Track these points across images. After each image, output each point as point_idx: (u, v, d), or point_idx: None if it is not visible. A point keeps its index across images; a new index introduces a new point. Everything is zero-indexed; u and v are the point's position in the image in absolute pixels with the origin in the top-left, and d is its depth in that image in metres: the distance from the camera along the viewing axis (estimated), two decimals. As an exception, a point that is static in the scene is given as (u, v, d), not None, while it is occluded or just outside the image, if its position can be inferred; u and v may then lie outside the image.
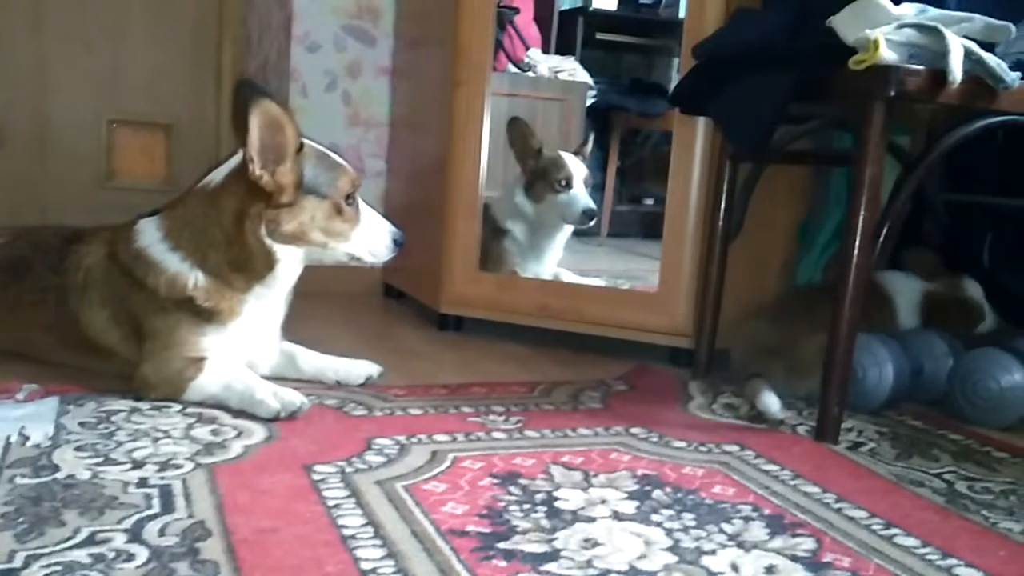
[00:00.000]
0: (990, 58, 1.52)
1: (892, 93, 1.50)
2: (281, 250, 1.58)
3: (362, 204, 1.67)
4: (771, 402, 1.69)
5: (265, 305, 1.64)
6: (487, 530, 1.13)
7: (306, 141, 1.58)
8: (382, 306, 2.74)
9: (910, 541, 1.19)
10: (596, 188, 2.85)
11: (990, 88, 1.56)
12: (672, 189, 2.13)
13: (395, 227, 1.70)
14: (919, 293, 1.99)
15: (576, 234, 2.65)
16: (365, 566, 1.01)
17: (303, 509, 1.15)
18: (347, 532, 1.09)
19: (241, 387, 1.53)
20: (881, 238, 1.61)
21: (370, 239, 1.66)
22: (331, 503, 1.18)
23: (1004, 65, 1.54)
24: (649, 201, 3.43)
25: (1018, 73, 1.58)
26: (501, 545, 1.09)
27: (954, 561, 1.14)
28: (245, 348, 1.64)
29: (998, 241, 2.14)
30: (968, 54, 1.50)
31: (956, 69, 1.48)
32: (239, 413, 1.51)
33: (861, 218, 1.57)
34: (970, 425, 1.77)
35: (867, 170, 1.56)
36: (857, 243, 1.58)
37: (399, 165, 2.84)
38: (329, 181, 1.59)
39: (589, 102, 3.19)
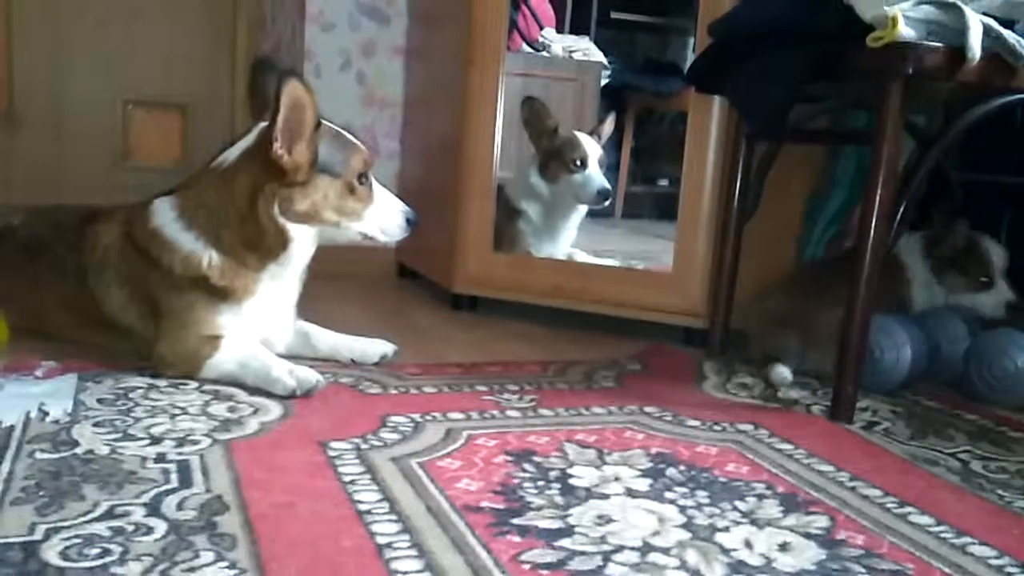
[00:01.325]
0: (1009, 35, 1.51)
1: (910, 71, 1.48)
2: (294, 229, 1.58)
3: (375, 183, 1.67)
4: (782, 371, 1.73)
5: (279, 284, 1.65)
6: (501, 506, 1.14)
7: (323, 120, 1.58)
8: (396, 286, 2.75)
9: (924, 519, 1.19)
10: (610, 168, 2.84)
11: (1009, 66, 1.55)
12: (687, 169, 2.12)
13: (408, 207, 1.70)
14: (921, 243, 1.99)
15: (590, 215, 2.64)
16: (381, 541, 1.02)
17: (319, 485, 1.16)
18: (363, 507, 1.10)
19: (257, 365, 1.54)
20: (898, 217, 1.60)
21: (382, 218, 1.66)
22: (347, 479, 1.18)
23: (1021, 40, 1.52)
24: (664, 182, 3.42)
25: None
26: (515, 521, 1.09)
27: (968, 540, 1.14)
28: (260, 326, 1.65)
29: (1016, 221, 2.12)
30: (987, 31, 1.49)
31: (975, 46, 1.46)
32: (255, 390, 1.52)
33: (878, 197, 1.56)
34: (986, 405, 1.76)
35: (884, 149, 1.55)
36: (874, 222, 1.57)
37: (413, 145, 2.84)
38: (342, 160, 1.60)
39: (603, 82, 3.17)
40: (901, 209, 1.61)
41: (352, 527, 1.05)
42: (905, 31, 1.46)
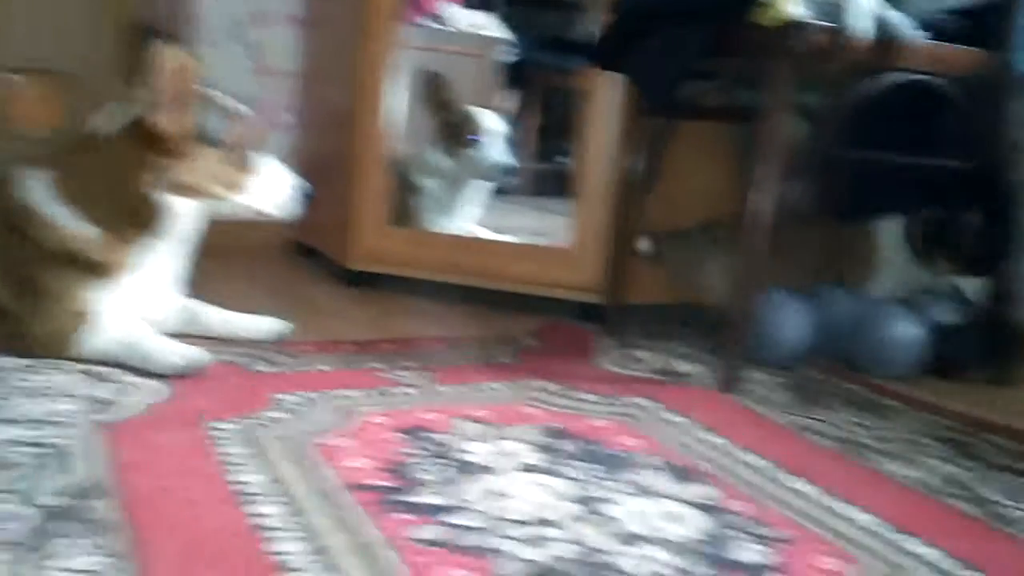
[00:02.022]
0: (891, 15, 1.55)
1: (796, 49, 1.51)
2: (175, 202, 1.52)
3: (264, 156, 1.61)
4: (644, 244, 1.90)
5: (161, 259, 1.58)
6: (392, 484, 1.12)
7: (206, 90, 1.52)
8: (293, 264, 2.68)
9: (807, 487, 1.23)
10: (515, 145, 2.83)
11: (893, 46, 1.59)
12: (585, 145, 2.13)
13: (302, 180, 1.65)
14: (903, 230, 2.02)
15: (497, 192, 2.63)
16: (265, 522, 0.98)
17: (202, 466, 1.12)
18: (247, 489, 1.06)
19: (137, 343, 1.48)
20: (786, 194, 1.63)
21: (274, 192, 1.61)
22: (231, 460, 1.14)
23: (905, 22, 1.57)
24: (570, 159, 3.42)
25: (921, 32, 1.61)
26: (406, 498, 1.08)
27: (847, 504, 1.17)
28: (141, 303, 1.58)
29: (902, 197, 2.19)
30: (870, 12, 1.52)
31: (858, 26, 1.50)
32: (137, 370, 1.46)
33: (765, 175, 1.59)
34: (867, 375, 1.82)
35: (769, 126, 1.58)
36: (761, 199, 1.60)
37: (308, 117, 2.77)
38: (226, 131, 1.53)
39: (507, 58, 3.16)
40: (789, 185, 1.64)
41: (234, 509, 1.01)
42: (792, 9, 1.48)
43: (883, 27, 1.55)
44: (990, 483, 1.29)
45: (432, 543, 0.97)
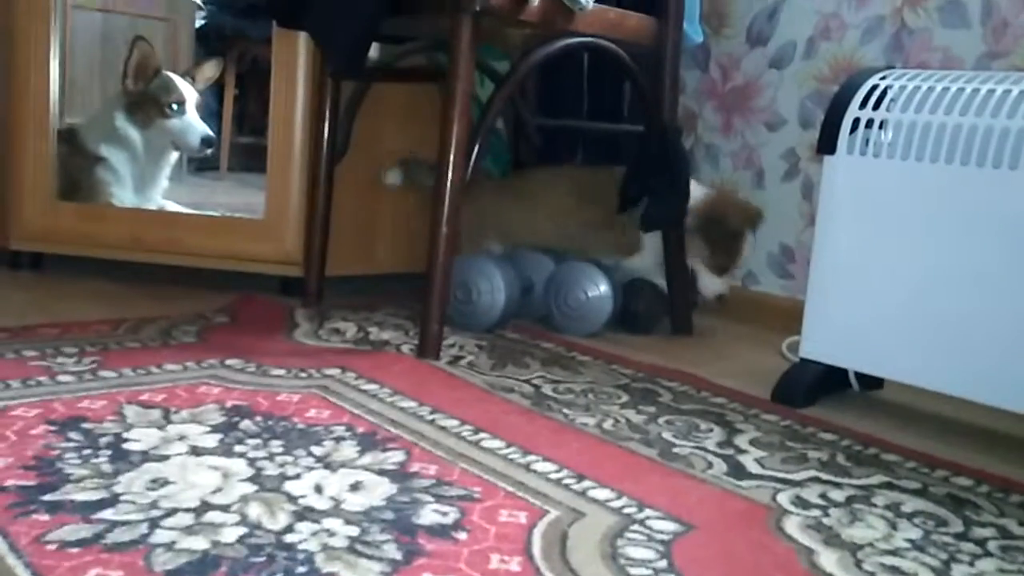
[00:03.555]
0: (565, -21, 1.59)
1: (476, 8, 1.50)
2: None
3: None
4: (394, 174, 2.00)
5: None
6: (32, 483, 0.98)
7: None
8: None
9: (495, 443, 1.23)
10: (212, 116, 2.66)
11: (569, 10, 1.63)
12: (275, 111, 2.02)
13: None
14: None
15: (197, 168, 2.46)
16: None
17: None
18: None
19: None
20: (474, 154, 1.63)
21: None
22: None
23: (577, -14, 1.61)
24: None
25: (594, -3, 1.67)
26: (47, 497, 0.94)
27: (533, 457, 1.19)
28: None
29: (585, 162, 2.29)
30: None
31: (535, -14, 1.52)
32: None
33: (454, 134, 1.57)
34: (561, 334, 1.88)
35: (458, 86, 1.56)
36: (451, 159, 1.58)
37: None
38: None
39: (199, 23, 2.96)
40: (477, 146, 1.63)
41: None
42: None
43: (557, -10, 1.58)
44: (663, 425, 1.36)
45: (76, 543, 0.86)
